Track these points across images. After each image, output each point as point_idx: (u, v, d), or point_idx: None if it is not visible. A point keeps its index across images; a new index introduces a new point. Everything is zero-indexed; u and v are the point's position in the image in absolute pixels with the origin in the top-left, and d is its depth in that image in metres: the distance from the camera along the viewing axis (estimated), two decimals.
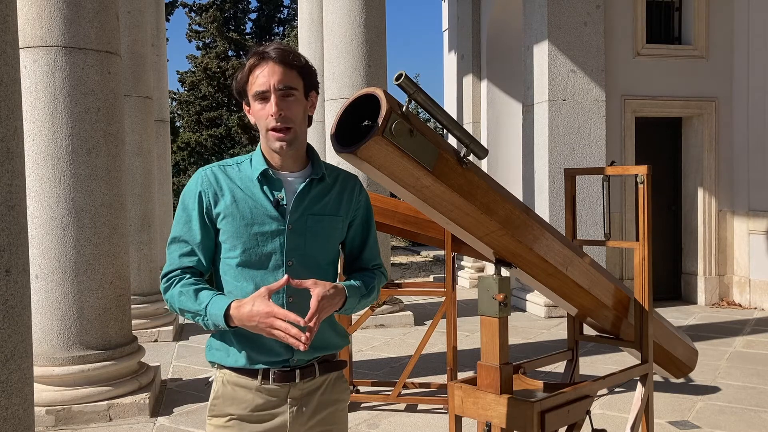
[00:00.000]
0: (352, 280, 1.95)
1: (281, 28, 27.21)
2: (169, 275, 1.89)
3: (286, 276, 1.76)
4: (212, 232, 1.90)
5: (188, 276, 1.88)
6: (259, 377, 1.87)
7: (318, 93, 1.94)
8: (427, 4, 63.74)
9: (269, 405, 1.89)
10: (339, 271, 2.04)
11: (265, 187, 1.88)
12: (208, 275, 1.94)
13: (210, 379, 1.98)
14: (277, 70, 1.81)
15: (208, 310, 1.79)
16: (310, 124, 1.94)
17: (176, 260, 1.89)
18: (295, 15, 22.13)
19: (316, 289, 1.75)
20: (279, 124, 1.81)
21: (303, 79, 1.86)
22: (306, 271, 1.87)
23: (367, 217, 2.03)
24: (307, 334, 1.69)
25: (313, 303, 1.73)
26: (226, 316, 1.76)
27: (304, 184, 1.90)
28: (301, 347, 1.68)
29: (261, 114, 1.84)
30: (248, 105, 1.89)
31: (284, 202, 1.88)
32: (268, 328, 1.71)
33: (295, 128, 1.84)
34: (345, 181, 1.99)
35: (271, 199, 1.87)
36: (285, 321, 1.69)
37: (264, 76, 1.81)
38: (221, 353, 1.91)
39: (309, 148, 1.97)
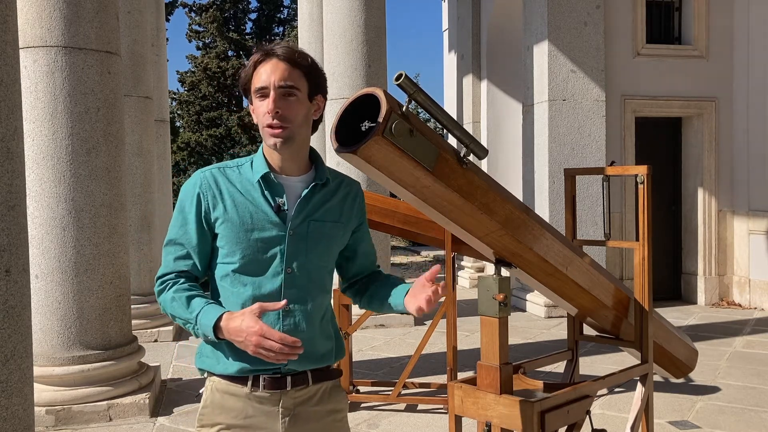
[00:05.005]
0: (403, 284, 1.92)
1: (281, 28, 27.21)
2: (164, 278, 1.84)
3: (284, 301, 1.72)
4: (209, 236, 1.84)
5: (182, 281, 1.83)
6: (249, 383, 1.81)
7: (326, 98, 1.88)
8: (427, 4, 63.76)
9: (260, 414, 1.82)
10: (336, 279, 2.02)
11: (266, 192, 1.83)
12: (203, 280, 1.89)
13: (201, 391, 1.93)
14: (280, 66, 1.77)
15: (199, 320, 1.75)
16: (315, 129, 1.88)
17: (171, 263, 1.84)
18: (295, 15, 22.12)
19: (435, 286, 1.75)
20: (274, 121, 1.76)
21: (308, 80, 1.80)
22: (305, 278, 1.83)
23: (364, 222, 2.01)
24: (297, 354, 1.65)
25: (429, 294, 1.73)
26: (216, 327, 1.72)
27: (307, 189, 1.85)
28: (294, 357, 1.66)
29: (260, 111, 1.79)
30: (252, 103, 1.85)
31: (285, 208, 1.83)
32: (255, 347, 1.65)
33: (291, 128, 1.78)
34: (348, 186, 1.95)
35: (272, 204, 1.82)
36: (278, 342, 1.63)
37: (266, 73, 1.77)
38: (211, 360, 1.85)
39: (313, 152, 1.92)
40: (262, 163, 1.85)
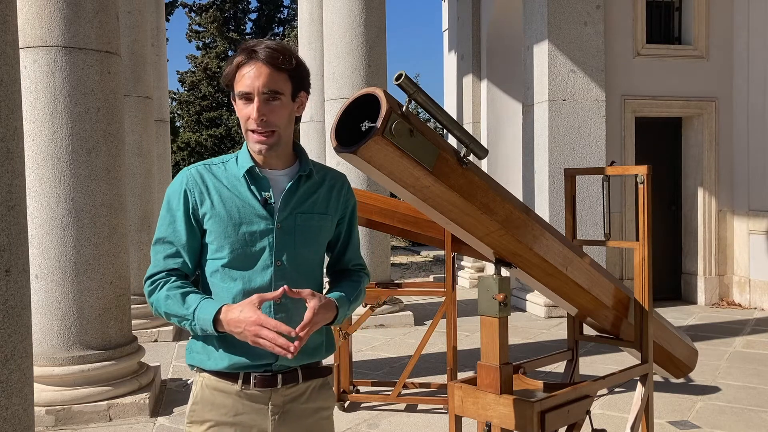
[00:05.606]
0: (340, 291, 1.91)
1: (281, 28, 27.22)
2: (154, 278, 1.84)
3: (282, 288, 1.71)
4: (198, 233, 1.85)
5: (174, 279, 1.83)
6: (240, 381, 1.82)
7: (308, 93, 1.89)
8: (427, 4, 63.78)
9: (250, 411, 1.83)
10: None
11: (252, 186, 1.84)
12: (194, 277, 1.89)
13: (189, 382, 1.93)
14: (264, 72, 1.76)
15: (197, 315, 1.75)
16: (297, 122, 1.91)
17: (161, 262, 1.84)
18: (295, 15, 22.12)
19: (313, 300, 1.72)
20: (260, 128, 1.78)
21: (292, 81, 1.81)
22: (295, 271, 1.84)
23: (352, 217, 2.01)
24: (296, 343, 1.64)
25: (307, 314, 1.70)
26: (215, 320, 1.72)
27: (292, 181, 1.86)
28: (289, 356, 1.64)
29: (243, 114, 1.80)
30: (234, 100, 1.86)
31: (272, 201, 1.84)
32: (253, 336, 1.66)
33: (278, 131, 1.80)
34: (333, 179, 1.96)
35: (259, 197, 1.83)
36: (272, 331, 1.64)
37: (250, 77, 1.77)
38: (201, 356, 1.85)
39: (296, 145, 1.93)
40: (246, 158, 1.86)
